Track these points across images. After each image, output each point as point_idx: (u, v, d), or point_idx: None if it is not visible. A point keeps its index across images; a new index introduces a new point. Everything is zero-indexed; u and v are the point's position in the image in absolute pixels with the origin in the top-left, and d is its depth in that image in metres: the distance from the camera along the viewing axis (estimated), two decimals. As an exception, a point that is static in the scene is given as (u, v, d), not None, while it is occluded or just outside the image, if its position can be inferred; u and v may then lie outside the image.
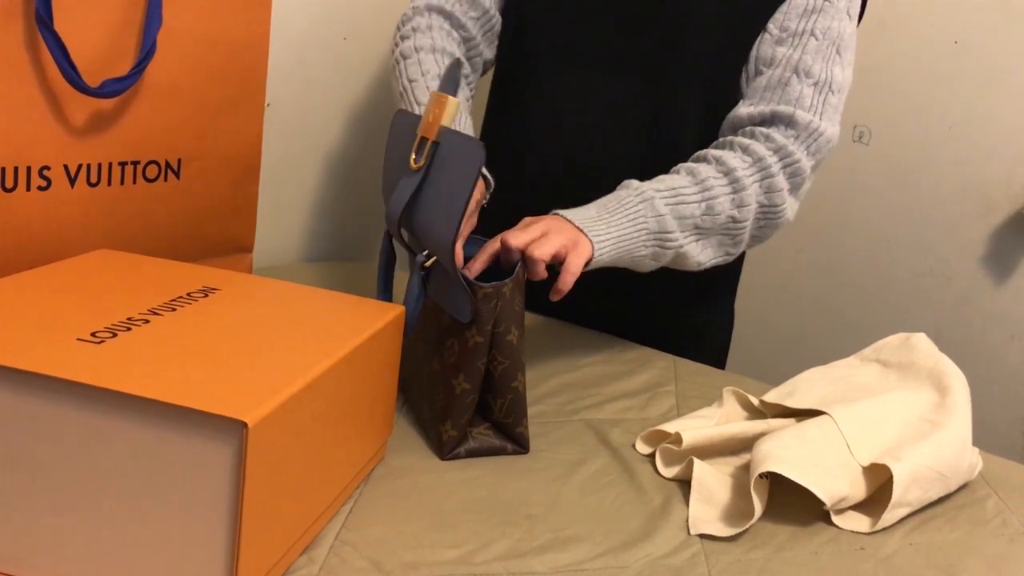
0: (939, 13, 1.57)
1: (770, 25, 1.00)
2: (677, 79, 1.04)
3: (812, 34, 0.98)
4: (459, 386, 0.77)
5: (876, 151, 1.65)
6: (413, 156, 0.79)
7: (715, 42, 1.02)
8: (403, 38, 1.06)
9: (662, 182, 0.94)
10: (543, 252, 0.82)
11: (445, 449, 0.78)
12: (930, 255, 1.65)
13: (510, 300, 0.77)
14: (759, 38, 1.00)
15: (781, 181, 0.96)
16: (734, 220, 0.95)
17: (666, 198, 0.92)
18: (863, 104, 1.63)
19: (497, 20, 1.11)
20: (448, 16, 1.07)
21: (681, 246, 0.94)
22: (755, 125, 0.98)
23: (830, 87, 0.98)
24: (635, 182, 0.94)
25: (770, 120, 0.98)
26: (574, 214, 0.89)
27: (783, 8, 1.00)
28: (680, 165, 0.98)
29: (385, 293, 0.86)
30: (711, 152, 0.97)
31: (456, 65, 0.83)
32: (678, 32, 1.03)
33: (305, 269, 1.26)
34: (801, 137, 0.96)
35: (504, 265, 0.82)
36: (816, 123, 0.97)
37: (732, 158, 0.95)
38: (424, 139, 0.79)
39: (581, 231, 0.87)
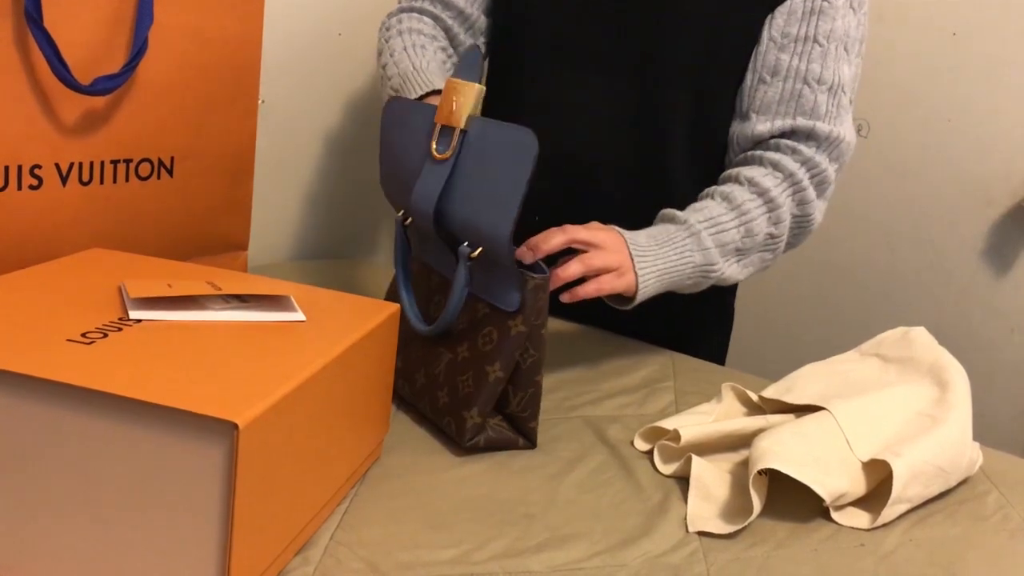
0: (937, 5, 1.56)
1: (773, 32, 0.99)
2: (666, 77, 1.04)
3: (815, 40, 0.98)
4: (493, 373, 0.76)
5: (875, 145, 1.64)
6: (435, 145, 0.78)
7: (703, 41, 1.02)
8: (382, 41, 1.09)
9: (701, 212, 0.96)
10: (592, 264, 0.86)
11: (467, 436, 0.77)
12: (929, 249, 1.64)
13: (549, 294, 0.77)
14: (764, 46, 1.00)
15: (811, 192, 0.99)
16: (772, 236, 0.98)
17: (709, 229, 0.94)
18: (861, 97, 1.60)
19: (478, 19, 1.11)
20: (421, 11, 1.09)
21: (722, 272, 0.96)
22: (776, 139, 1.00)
23: (842, 88, 0.99)
24: (679, 214, 0.96)
25: (791, 135, 0.99)
26: (630, 238, 0.91)
27: (782, 10, 0.99)
28: (713, 189, 0.99)
29: (406, 283, 0.85)
30: (742, 172, 0.99)
31: (473, 51, 0.80)
32: (666, 31, 1.02)
33: (300, 267, 1.26)
34: (823, 147, 0.99)
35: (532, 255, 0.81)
36: (836, 132, 0.99)
37: (764, 177, 0.97)
38: (448, 128, 0.78)
39: (632, 262, 0.89)
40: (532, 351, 0.78)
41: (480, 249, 0.76)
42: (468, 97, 0.77)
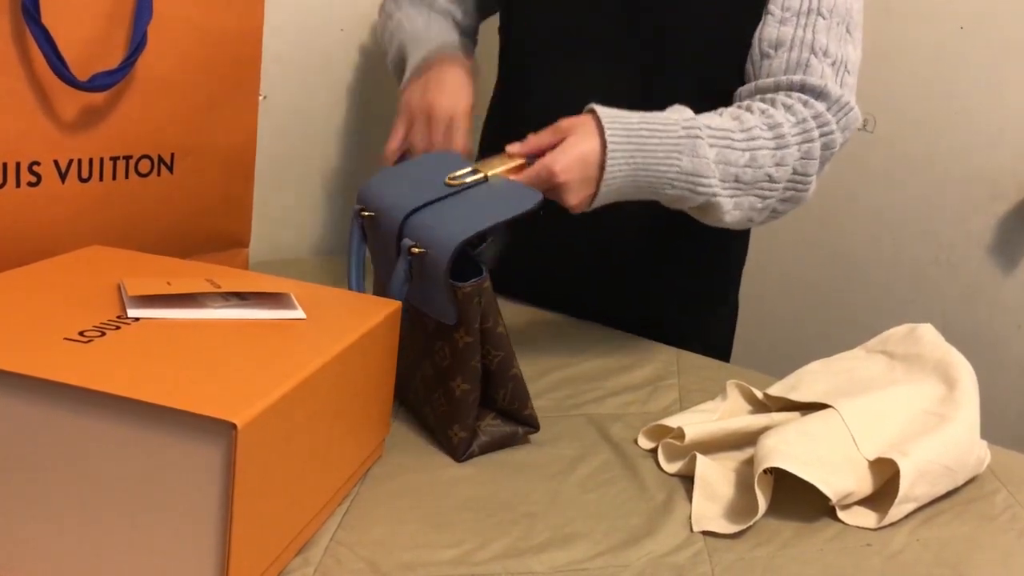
0: (944, -1, 1.55)
1: (771, 7, 0.98)
2: (672, 68, 1.03)
3: (819, 13, 0.95)
4: (458, 388, 0.75)
5: (881, 139, 1.63)
6: (454, 174, 0.82)
7: (711, 30, 1.01)
8: (382, 11, 1.12)
9: (712, 119, 0.90)
10: (540, 171, 0.83)
11: (459, 451, 0.76)
12: (936, 244, 1.63)
13: (490, 293, 0.76)
14: (761, 20, 0.98)
15: (817, 149, 0.93)
16: (770, 179, 0.91)
17: (713, 139, 0.88)
18: (868, 91, 1.59)
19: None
20: None
21: (715, 195, 0.89)
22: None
23: (846, 68, 0.96)
24: (690, 111, 0.90)
25: (800, 88, 0.94)
26: (610, 124, 0.86)
27: None
28: (723, 108, 0.94)
29: (358, 273, 0.84)
30: (755, 103, 0.94)
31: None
32: (672, 21, 1.01)
33: (301, 264, 1.25)
34: (833, 109, 0.94)
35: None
36: (846, 97, 0.94)
37: (777, 113, 0.92)
38: (474, 172, 0.83)
39: (603, 159, 0.84)
40: (495, 351, 0.76)
41: (423, 251, 0.75)
42: (509, 169, 0.85)
